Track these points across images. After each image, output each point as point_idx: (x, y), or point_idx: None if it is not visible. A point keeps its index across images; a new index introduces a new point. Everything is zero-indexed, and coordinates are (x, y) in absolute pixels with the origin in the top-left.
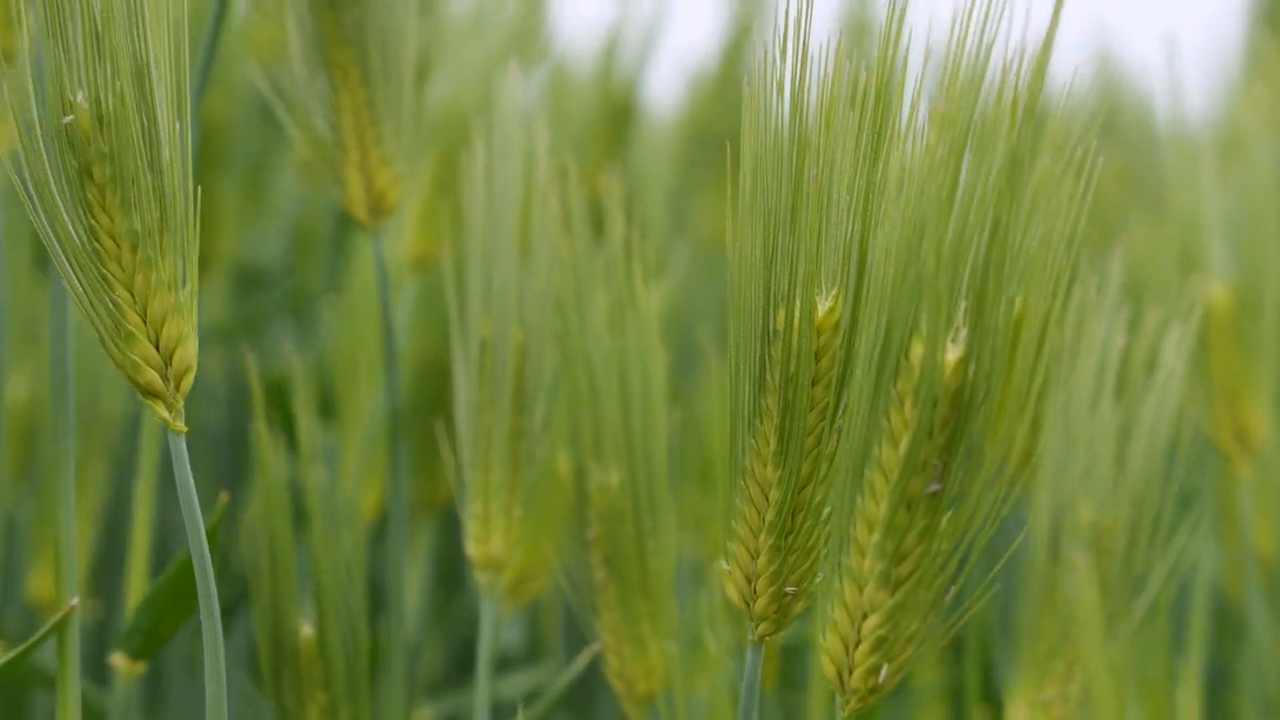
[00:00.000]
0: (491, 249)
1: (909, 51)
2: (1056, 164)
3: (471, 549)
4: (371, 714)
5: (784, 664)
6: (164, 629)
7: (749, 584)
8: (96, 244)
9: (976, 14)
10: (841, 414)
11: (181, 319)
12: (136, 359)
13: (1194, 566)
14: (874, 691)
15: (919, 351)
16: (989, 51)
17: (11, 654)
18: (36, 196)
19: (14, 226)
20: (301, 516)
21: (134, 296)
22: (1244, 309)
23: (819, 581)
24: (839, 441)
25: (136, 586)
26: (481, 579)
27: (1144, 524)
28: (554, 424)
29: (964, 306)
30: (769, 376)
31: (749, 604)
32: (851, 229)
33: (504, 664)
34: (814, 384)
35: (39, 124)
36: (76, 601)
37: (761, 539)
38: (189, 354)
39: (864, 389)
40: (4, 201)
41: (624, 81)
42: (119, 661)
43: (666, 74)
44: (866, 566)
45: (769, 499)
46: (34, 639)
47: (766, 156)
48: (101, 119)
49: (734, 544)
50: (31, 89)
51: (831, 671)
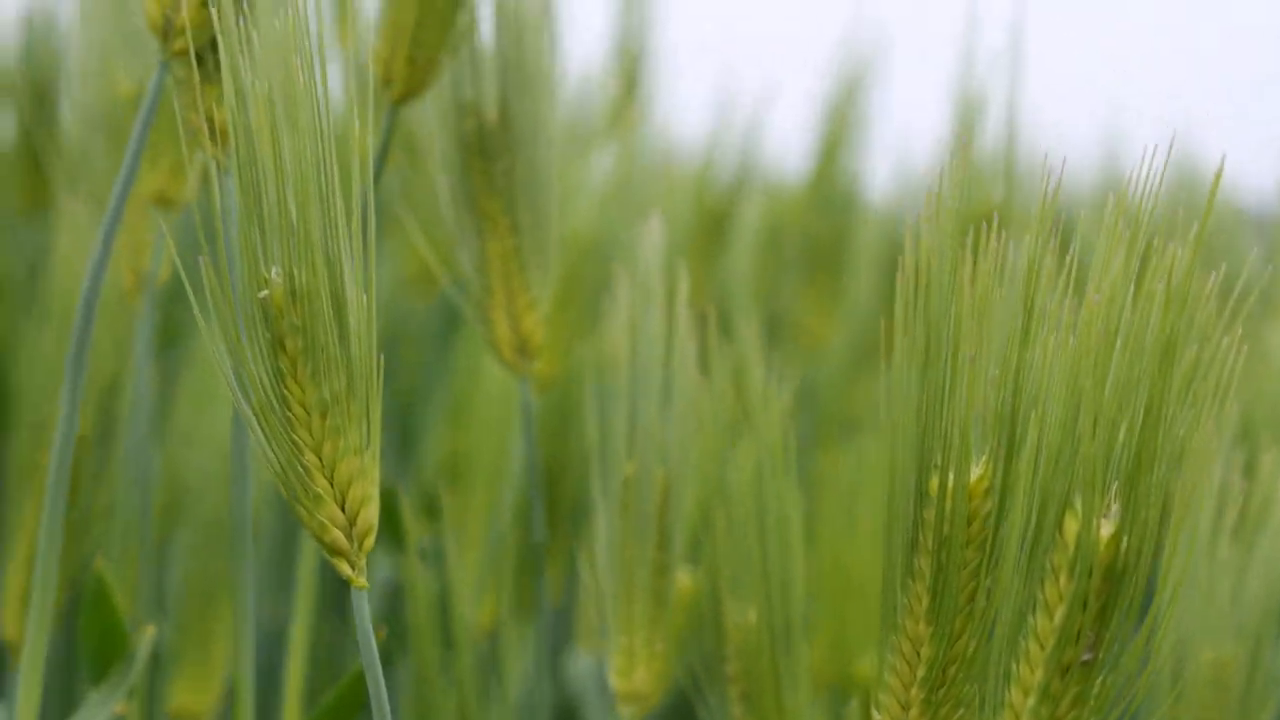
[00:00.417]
0: (635, 390)
1: (1060, 236)
2: (1205, 350)
3: (616, 682)
4: None
5: None
6: None
7: None
8: (288, 412)
9: (1125, 215)
10: (991, 571)
11: (366, 482)
12: (324, 520)
13: None
14: None
15: (1074, 527)
16: (1145, 246)
17: None
18: (231, 365)
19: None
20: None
21: (322, 461)
22: None
23: None
24: (989, 601)
25: (292, 714)
26: (624, 711)
27: (1261, 660)
28: (693, 559)
29: (1115, 485)
30: (922, 538)
31: None
32: (1003, 400)
33: None
34: (965, 546)
35: (235, 297)
36: None
37: (913, 692)
38: (371, 515)
39: (1019, 560)
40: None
41: (721, 194)
42: None
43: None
44: None
45: (920, 654)
46: None
47: (921, 331)
48: (294, 294)
49: (885, 695)
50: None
51: None
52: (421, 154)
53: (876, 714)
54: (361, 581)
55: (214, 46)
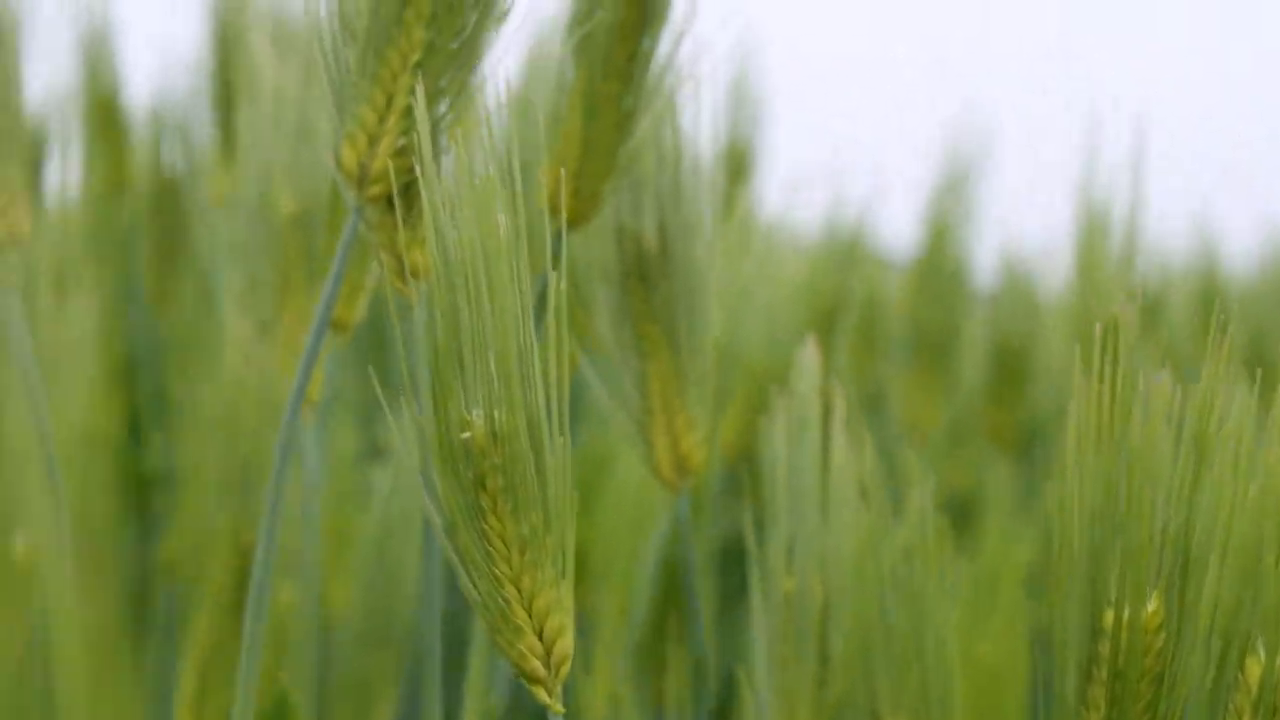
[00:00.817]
0: (794, 510)
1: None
2: None
3: None
4: None
5: None
6: None
7: None
8: (488, 546)
9: None
10: (1165, 700)
11: (562, 613)
12: (523, 649)
13: None
14: None
15: (1256, 670)
16: None
17: None
18: (437, 505)
19: None
20: None
21: (521, 593)
22: None
23: None
24: None
25: None
26: None
27: None
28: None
29: None
30: (1096, 670)
31: None
32: (1176, 534)
33: None
34: (1139, 679)
35: (436, 438)
36: None
37: None
38: (567, 644)
39: (1199, 699)
40: None
41: (832, 285)
42: None
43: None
44: None
45: None
46: None
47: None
48: (495, 434)
49: None
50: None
51: None
52: (581, 278)
53: None
54: (559, 707)
55: (406, 191)
